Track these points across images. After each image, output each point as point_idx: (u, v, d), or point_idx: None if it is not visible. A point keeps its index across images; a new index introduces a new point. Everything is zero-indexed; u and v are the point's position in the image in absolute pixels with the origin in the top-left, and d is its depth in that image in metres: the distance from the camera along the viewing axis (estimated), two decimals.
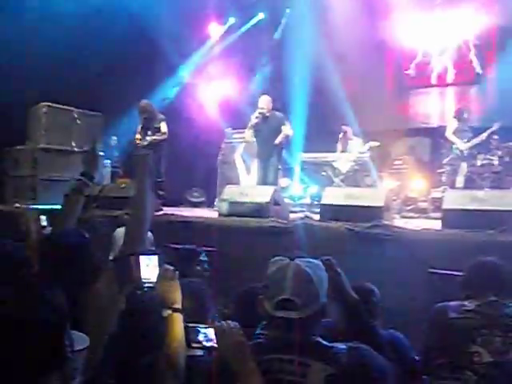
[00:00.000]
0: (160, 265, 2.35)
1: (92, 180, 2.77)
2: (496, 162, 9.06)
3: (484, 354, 2.70)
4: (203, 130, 9.25)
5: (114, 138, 10.86)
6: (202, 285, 2.78)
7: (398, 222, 6.52)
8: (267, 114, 7.83)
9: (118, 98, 9.50)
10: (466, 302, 2.88)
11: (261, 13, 11.62)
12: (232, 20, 11.58)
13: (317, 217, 6.30)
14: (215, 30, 11.40)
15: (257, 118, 7.83)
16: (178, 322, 2.23)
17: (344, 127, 9.57)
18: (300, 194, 8.93)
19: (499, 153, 9.15)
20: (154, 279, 2.29)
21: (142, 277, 2.29)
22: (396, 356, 2.80)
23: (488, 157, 9.16)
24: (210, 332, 2.00)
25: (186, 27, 9.94)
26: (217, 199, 8.74)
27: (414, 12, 10.65)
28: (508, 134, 9.39)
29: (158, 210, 7.15)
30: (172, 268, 2.35)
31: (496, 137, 9.39)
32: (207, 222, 6.40)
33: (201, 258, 3.55)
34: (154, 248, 5.53)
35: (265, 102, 7.88)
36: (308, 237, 5.69)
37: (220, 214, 6.64)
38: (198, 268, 3.47)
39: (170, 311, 2.21)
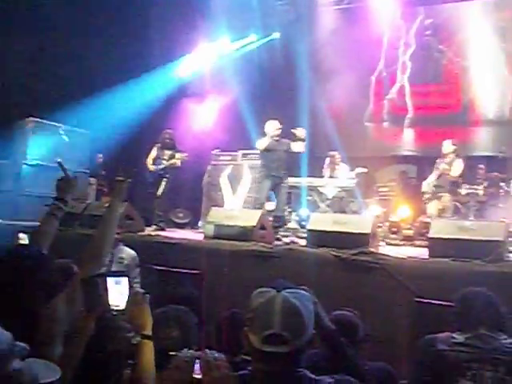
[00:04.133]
0: (130, 287, 2.25)
1: (66, 204, 2.71)
2: (481, 192, 9.10)
3: None
4: (190, 150, 9.19)
5: (100, 155, 10.78)
6: (187, 312, 2.70)
7: (384, 249, 6.49)
8: (278, 139, 7.81)
9: (105, 116, 9.47)
10: (455, 334, 2.83)
11: (253, 34, 11.69)
12: (224, 39, 11.60)
13: (303, 242, 6.25)
14: (206, 48, 11.39)
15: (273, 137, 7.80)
16: (148, 350, 2.15)
17: (331, 153, 9.58)
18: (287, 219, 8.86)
19: (485, 183, 9.21)
20: (124, 302, 2.19)
21: (110, 300, 2.18)
22: None
23: (473, 186, 9.21)
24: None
25: (175, 45, 9.97)
26: (201, 221, 8.67)
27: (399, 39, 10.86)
28: (494, 165, 9.50)
29: (140, 231, 7.07)
30: (142, 291, 2.28)
31: (482, 166, 9.48)
32: (192, 244, 6.33)
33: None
34: (138, 269, 5.47)
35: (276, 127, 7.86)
36: (293, 262, 5.64)
37: (205, 237, 6.56)
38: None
39: (139, 338, 2.12)
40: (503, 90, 10.05)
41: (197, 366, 1.83)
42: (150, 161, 8.59)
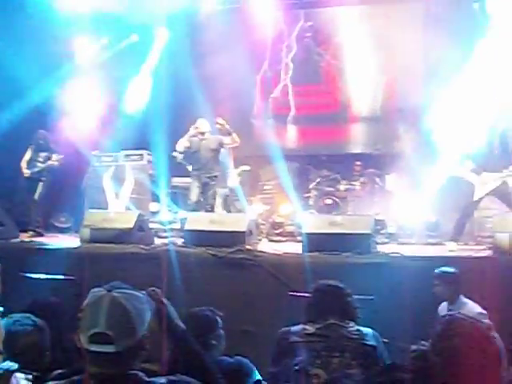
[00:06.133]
0: None
1: None
2: (358, 188, 9.56)
3: (322, 376, 2.78)
4: (70, 152, 8.87)
5: None
6: (39, 325, 2.60)
7: (263, 247, 6.65)
8: (205, 137, 8.08)
9: None
10: (307, 326, 2.96)
11: (134, 34, 11.47)
12: (104, 40, 11.29)
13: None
14: (84, 48, 11.02)
15: (194, 136, 8.02)
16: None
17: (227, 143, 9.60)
18: (170, 219, 8.81)
19: (361, 179, 9.67)
20: None
21: None
22: (240, 382, 2.82)
23: (351, 182, 9.65)
24: None
25: (48, 44, 9.56)
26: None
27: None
28: (370, 161, 10.00)
29: (13, 237, 6.76)
30: None
31: (359, 163, 9.96)
32: (66, 249, 6.13)
33: None
34: None
35: (204, 125, 8.16)
36: (171, 263, 5.64)
37: (82, 241, 6.38)
38: None
39: None
40: (375, 90, 10.62)
41: (13, 380, 1.78)
42: (23, 164, 8.26)
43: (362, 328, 2.94)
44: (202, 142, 8.10)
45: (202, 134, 8.10)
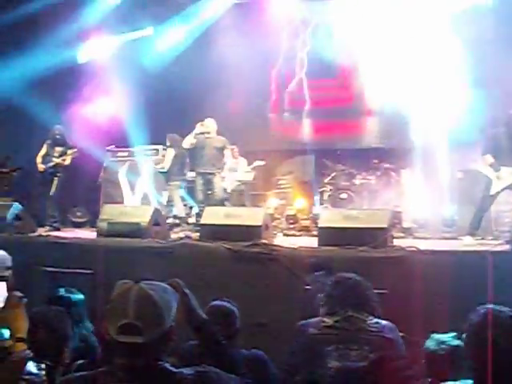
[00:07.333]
0: (9, 290, 2.21)
1: None
2: (374, 182, 9.52)
3: None
4: (85, 148, 8.93)
5: None
6: (61, 315, 2.62)
7: (278, 241, 6.65)
8: (210, 136, 8.39)
9: None
10: (325, 318, 2.95)
11: (149, 27, 11.51)
12: (119, 35, 11.33)
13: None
14: (99, 44, 11.06)
15: (202, 133, 8.35)
16: (20, 353, 2.10)
17: (230, 146, 9.64)
18: (185, 213, 8.85)
19: (377, 173, 9.63)
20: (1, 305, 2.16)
21: None
22: (256, 375, 2.82)
23: (366, 177, 9.61)
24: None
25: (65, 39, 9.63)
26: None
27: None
28: (385, 155, 9.95)
29: (31, 232, 6.82)
30: (18, 295, 2.22)
31: (375, 157, 9.90)
32: (84, 243, 6.18)
33: None
34: (9, 271, 5.26)
35: (211, 125, 8.47)
36: (187, 257, 5.66)
37: (99, 235, 6.43)
38: None
39: (11, 341, 2.07)
40: (390, 83, 10.53)
41: (27, 367, 1.80)
42: (39, 159, 8.33)
43: (380, 321, 2.93)
44: (207, 140, 8.40)
45: (208, 132, 8.40)
